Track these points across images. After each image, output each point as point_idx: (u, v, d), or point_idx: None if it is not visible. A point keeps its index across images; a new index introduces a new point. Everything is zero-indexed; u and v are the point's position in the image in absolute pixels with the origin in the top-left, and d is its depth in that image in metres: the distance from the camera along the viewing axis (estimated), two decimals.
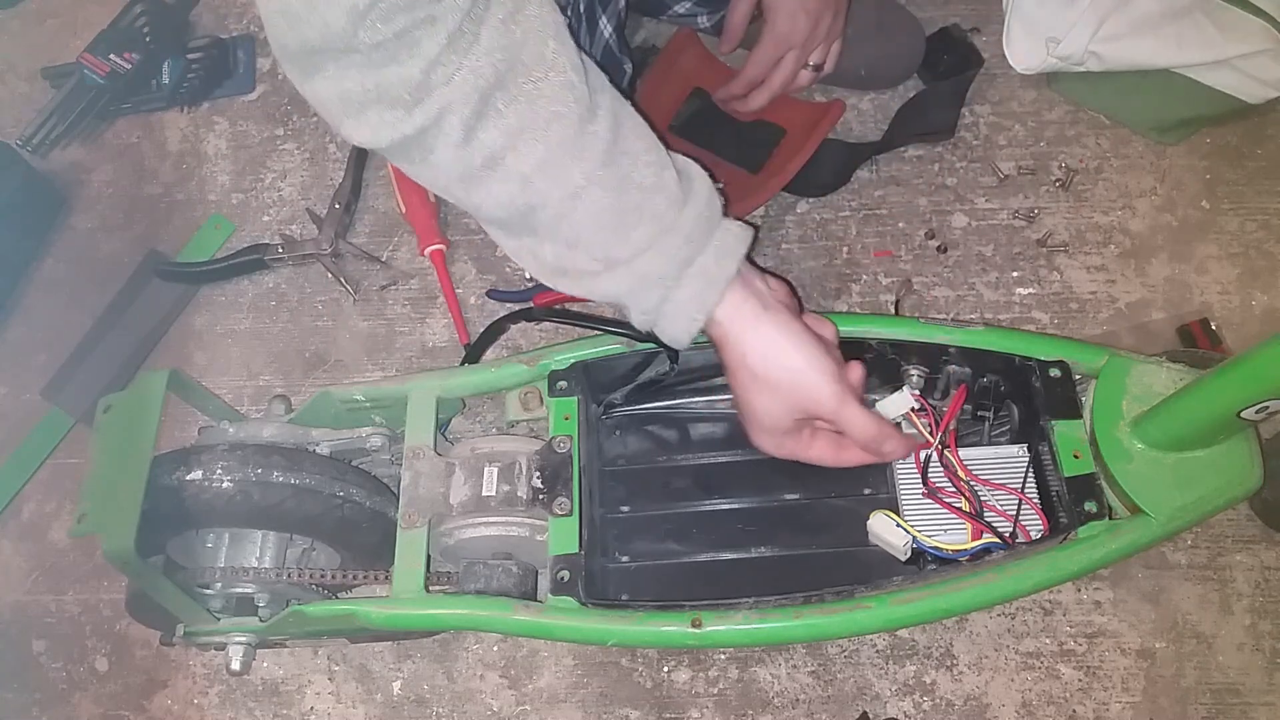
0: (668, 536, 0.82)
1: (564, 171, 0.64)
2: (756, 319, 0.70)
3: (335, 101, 0.62)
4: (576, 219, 0.66)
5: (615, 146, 0.66)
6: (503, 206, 0.66)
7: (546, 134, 0.63)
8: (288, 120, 1.15)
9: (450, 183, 0.66)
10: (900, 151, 1.06)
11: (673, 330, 0.71)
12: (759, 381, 0.71)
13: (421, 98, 0.60)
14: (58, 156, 1.15)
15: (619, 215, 0.66)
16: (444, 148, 0.63)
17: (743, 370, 0.71)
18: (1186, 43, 0.95)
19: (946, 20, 1.09)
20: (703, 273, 0.68)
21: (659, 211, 0.67)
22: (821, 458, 0.75)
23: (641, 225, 0.67)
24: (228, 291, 1.07)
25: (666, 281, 0.68)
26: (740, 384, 0.72)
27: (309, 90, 0.62)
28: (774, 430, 0.73)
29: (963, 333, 0.80)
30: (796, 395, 0.71)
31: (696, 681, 0.87)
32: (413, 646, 0.89)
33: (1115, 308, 0.98)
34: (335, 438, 0.82)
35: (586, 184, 0.65)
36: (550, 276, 0.71)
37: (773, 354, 0.70)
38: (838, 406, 0.70)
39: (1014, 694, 0.84)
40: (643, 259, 0.67)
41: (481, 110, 0.61)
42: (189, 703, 0.90)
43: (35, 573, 0.96)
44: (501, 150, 0.63)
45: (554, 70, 0.63)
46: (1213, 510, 0.75)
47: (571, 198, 0.65)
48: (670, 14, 1.06)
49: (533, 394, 0.82)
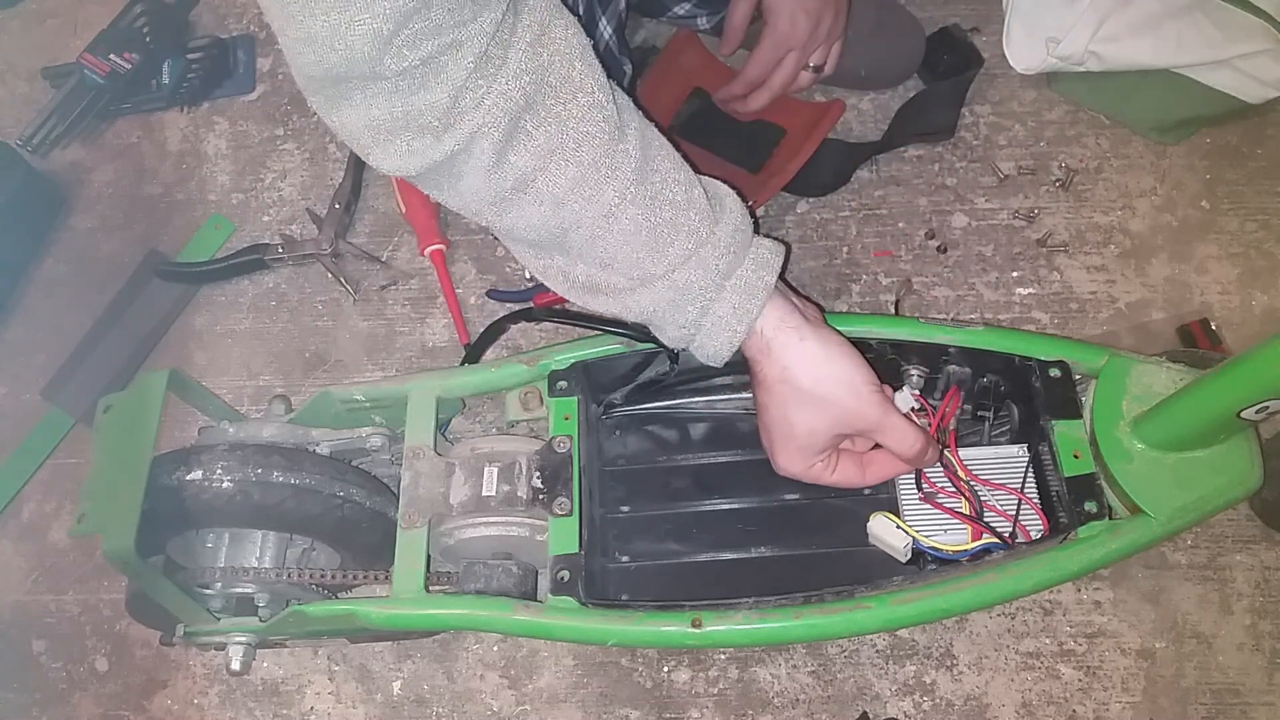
0: (668, 536, 0.82)
1: (597, 191, 0.64)
2: (799, 332, 0.69)
3: (364, 130, 0.61)
4: (611, 238, 0.66)
5: (646, 165, 0.65)
6: (535, 229, 0.66)
7: (578, 154, 0.63)
8: (288, 120, 1.15)
9: (482, 207, 0.66)
10: (900, 151, 1.06)
11: (712, 345, 0.70)
12: (804, 396, 0.69)
13: (451, 123, 0.60)
14: (58, 156, 1.15)
15: (654, 232, 0.66)
16: (474, 172, 0.62)
17: (783, 386, 0.69)
18: (1186, 43, 0.95)
19: (946, 20, 1.09)
20: (743, 285, 0.68)
21: (693, 226, 0.67)
22: (848, 479, 0.74)
23: (677, 240, 0.67)
24: (228, 291, 1.07)
25: (707, 294, 0.67)
26: (779, 400, 0.70)
27: (337, 120, 0.61)
28: (810, 449, 0.72)
29: (963, 333, 0.80)
30: (843, 408, 0.69)
31: (696, 681, 0.87)
32: (413, 646, 0.89)
33: (1115, 308, 0.98)
34: (335, 438, 0.82)
35: (620, 202, 0.65)
36: (581, 295, 0.70)
37: (821, 366, 0.69)
38: (883, 417, 0.70)
39: (1014, 694, 0.84)
40: (681, 272, 0.67)
41: (511, 133, 0.61)
42: (189, 703, 0.90)
43: (35, 573, 0.96)
44: (533, 172, 0.63)
45: (582, 92, 0.63)
46: (1213, 510, 0.75)
47: (605, 217, 0.65)
48: (670, 15, 1.06)
49: (533, 394, 0.82)
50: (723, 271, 0.67)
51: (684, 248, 0.67)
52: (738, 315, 0.68)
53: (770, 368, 0.70)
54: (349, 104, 0.60)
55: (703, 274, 0.67)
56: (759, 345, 0.69)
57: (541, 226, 0.66)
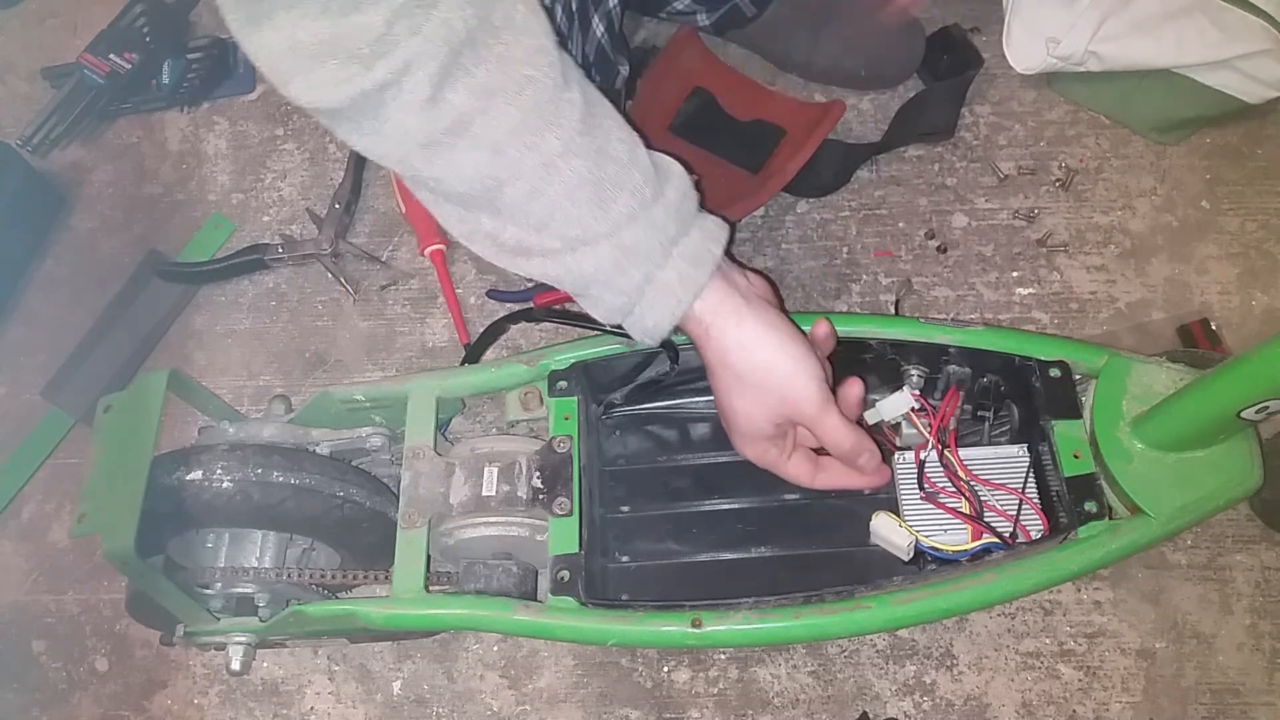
0: (668, 536, 0.82)
1: (539, 138, 0.60)
2: (738, 314, 0.66)
3: (286, 54, 0.56)
4: (551, 192, 0.61)
5: (590, 117, 0.62)
6: (467, 180, 0.61)
7: (520, 98, 0.58)
8: (288, 120, 1.15)
9: (410, 151, 0.60)
10: (900, 151, 1.06)
11: (651, 318, 0.66)
12: (741, 382, 0.68)
13: (383, 51, 0.55)
14: (58, 156, 1.15)
15: (598, 187, 0.62)
16: (405, 109, 0.57)
17: (723, 370, 0.68)
18: (1186, 43, 0.95)
19: (946, 20, 1.09)
20: (690, 254, 0.65)
21: (638, 186, 0.63)
22: (797, 476, 0.73)
23: (621, 198, 0.62)
24: (228, 291, 1.07)
25: (654, 259, 0.64)
26: (722, 385, 0.69)
27: (255, 43, 0.56)
28: (754, 436, 0.70)
29: (963, 333, 0.80)
30: (778, 397, 0.68)
31: (696, 681, 0.87)
32: (413, 646, 0.89)
33: (1115, 308, 0.98)
34: (335, 438, 0.82)
35: (564, 152, 0.60)
36: (511, 259, 0.66)
37: (756, 351, 0.67)
38: (817, 412, 0.68)
39: (1014, 694, 0.84)
40: (628, 231, 0.63)
41: (449, 68, 0.56)
42: (189, 703, 0.90)
43: (35, 573, 0.96)
44: (471, 114, 0.58)
45: (526, 34, 0.59)
46: (1213, 510, 0.75)
47: (546, 167, 0.60)
48: (670, 10, 1.05)
49: (533, 394, 0.82)
50: (671, 237, 0.64)
51: (628, 206, 0.63)
52: (684, 285, 0.65)
53: (711, 352, 0.68)
54: (271, 24, 0.55)
55: (650, 236, 0.63)
56: (699, 330, 0.67)
57: (475, 177, 0.61)
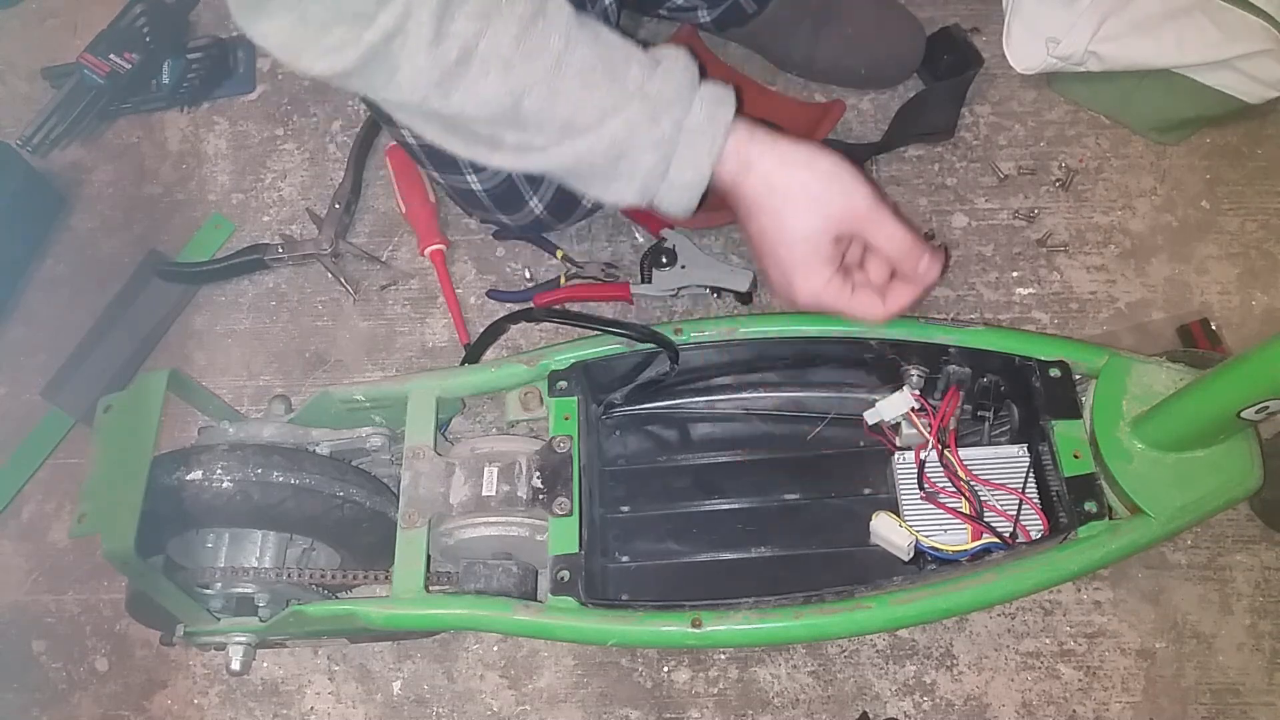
0: (668, 536, 0.82)
1: (543, 40, 0.64)
2: (771, 138, 0.69)
3: (294, 31, 0.61)
4: (568, 85, 0.65)
5: (580, 12, 0.66)
6: (487, 104, 0.65)
7: (514, 9, 0.63)
8: (288, 120, 1.15)
9: (428, 92, 0.64)
10: (900, 151, 1.06)
11: (691, 167, 0.68)
12: (791, 201, 0.69)
13: (384, 3, 0.60)
14: (58, 156, 1.15)
15: (608, 65, 0.66)
16: (414, 53, 0.62)
17: (770, 197, 0.69)
18: (1186, 43, 0.95)
19: (946, 20, 1.09)
20: (709, 95, 0.68)
21: (640, 57, 0.67)
22: (867, 307, 0.73)
23: (631, 68, 0.66)
24: (228, 291, 1.07)
25: (681, 102, 0.66)
26: (771, 214, 0.70)
27: (262, 28, 0.61)
28: (815, 257, 0.70)
29: (963, 333, 0.80)
30: (833, 200, 0.69)
31: (696, 681, 0.87)
32: (413, 646, 0.89)
33: (1115, 308, 0.98)
34: (335, 438, 0.82)
35: (567, 45, 0.64)
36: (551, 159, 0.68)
37: (801, 165, 0.69)
38: (874, 209, 0.69)
39: (1014, 694, 0.84)
40: (651, 83, 0.66)
41: (446, 3, 0.61)
42: (189, 703, 0.90)
43: (35, 573, 0.96)
44: (474, 38, 0.62)
45: None
46: (1213, 510, 0.75)
47: (556, 66, 0.64)
48: (670, 7, 1.05)
49: (533, 394, 0.82)
50: (688, 83, 0.67)
51: (640, 71, 0.66)
52: (713, 123, 0.67)
53: (753, 183, 0.69)
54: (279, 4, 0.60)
55: (671, 83, 0.66)
56: (736, 167, 0.69)
57: (494, 99, 0.64)
